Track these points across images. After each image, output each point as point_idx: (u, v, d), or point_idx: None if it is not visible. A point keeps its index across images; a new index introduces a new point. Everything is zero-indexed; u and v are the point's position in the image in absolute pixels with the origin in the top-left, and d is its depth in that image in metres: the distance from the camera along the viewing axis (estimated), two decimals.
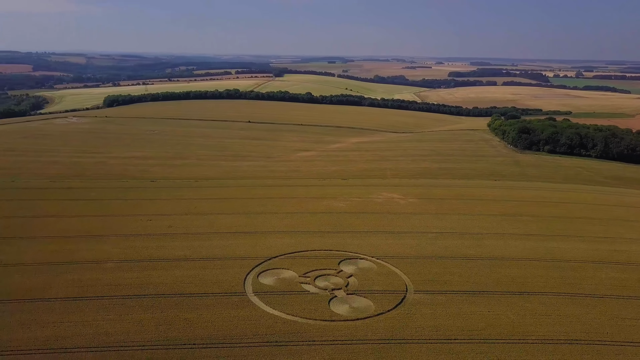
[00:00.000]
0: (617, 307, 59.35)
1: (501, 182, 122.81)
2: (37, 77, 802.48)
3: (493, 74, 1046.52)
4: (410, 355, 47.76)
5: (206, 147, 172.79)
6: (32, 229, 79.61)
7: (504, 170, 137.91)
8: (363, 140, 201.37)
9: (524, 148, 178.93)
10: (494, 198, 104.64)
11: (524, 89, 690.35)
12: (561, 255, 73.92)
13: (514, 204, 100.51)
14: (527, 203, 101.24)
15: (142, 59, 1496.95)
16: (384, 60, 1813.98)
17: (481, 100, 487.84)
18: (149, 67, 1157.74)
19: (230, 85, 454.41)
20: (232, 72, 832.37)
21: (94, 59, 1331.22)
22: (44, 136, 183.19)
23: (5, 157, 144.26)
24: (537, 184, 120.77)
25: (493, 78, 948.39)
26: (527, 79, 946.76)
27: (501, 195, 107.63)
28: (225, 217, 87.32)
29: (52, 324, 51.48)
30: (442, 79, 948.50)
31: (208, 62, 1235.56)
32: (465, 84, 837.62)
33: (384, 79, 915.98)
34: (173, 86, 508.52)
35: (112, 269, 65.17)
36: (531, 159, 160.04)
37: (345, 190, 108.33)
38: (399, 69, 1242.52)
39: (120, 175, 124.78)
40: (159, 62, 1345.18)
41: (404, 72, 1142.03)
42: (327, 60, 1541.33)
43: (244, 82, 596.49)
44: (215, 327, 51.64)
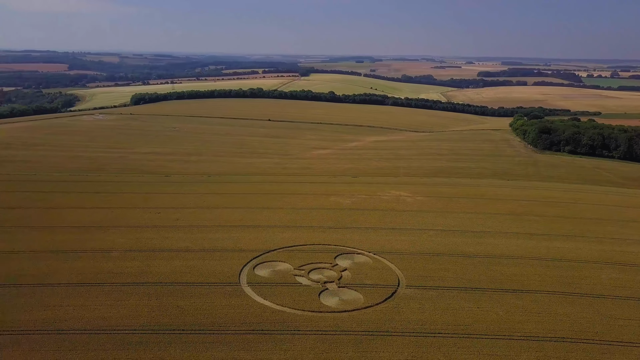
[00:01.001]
0: (613, 307, 58.66)
1: (514, 181, 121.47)
2: (71, 76, 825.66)
3: (524, 73, 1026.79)
4: (391, 347, 48.52)
5: (224, 144, 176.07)
6: (45, 219, 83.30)
7: (518, 170, 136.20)
8: (381, 139, 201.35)
9: (544, 148, 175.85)
10: (502, 197, 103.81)
11: (554, 89, 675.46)
12: (563, 255, 73.18)
13: (522, 203, 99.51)
14: (535, 203, 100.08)
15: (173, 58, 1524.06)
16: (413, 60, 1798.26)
17: (508, 100, 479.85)
18: (179, 66, 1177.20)
19: (256, 84, 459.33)
20: (259, 71, 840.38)
21: (127, 59, 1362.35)
22: (70, 132, 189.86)
23: (30, 151, 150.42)
24: (550, 184, 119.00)
25: (523, 78, 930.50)
26: (558, 79, 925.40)
27: (511, 194, 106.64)
28: (230, 211, 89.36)
29: (53, 307, 54.16)
30: (470, 78, 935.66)
31: (237, 62, 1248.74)
32: (494, 84, 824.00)
33: (411, 79, 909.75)
34: (199, 85, 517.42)
35: (117, 258, 67.80)
36: (549, 159, 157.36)
37: (353, 188, 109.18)
38: (427, 69, 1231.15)
39: (138, 170, 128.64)
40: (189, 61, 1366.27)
41: (432, 71, 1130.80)
42: (355, 60, 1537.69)
43: (269, 81, 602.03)
44: (206, 315, 53.43)
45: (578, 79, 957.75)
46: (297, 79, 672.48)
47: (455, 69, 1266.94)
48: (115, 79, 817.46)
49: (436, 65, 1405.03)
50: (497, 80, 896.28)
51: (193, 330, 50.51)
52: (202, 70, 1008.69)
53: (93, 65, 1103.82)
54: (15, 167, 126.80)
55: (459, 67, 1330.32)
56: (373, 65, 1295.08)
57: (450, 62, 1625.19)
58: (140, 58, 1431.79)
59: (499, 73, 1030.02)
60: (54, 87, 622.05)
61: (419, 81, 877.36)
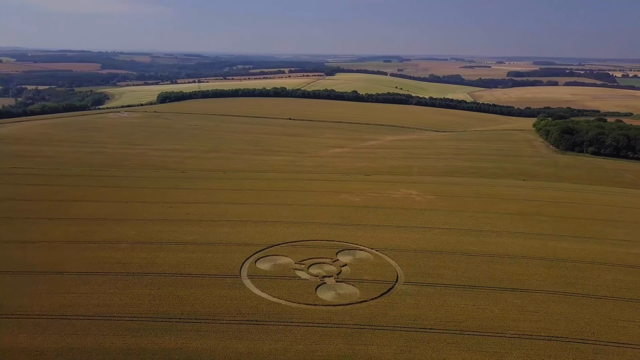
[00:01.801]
0: (615, 308, 57.80)
1: (529, 182, 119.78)
2: (103, 75, 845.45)
3: (555, 73, 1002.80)
4: (381, 341, 49.11)
5: (242, 142, 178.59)
6: (63, 211, 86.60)
7: (536, 171, 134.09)
8: (400, 138, 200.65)
9: (566, 149, 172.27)
10: (514, 197, 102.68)
11: (585, 90, 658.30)
12: (568, 256, 72.24)
13: (534, 203, 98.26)
14: (548, 203, 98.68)
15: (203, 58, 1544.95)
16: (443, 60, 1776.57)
17: (536, 100, 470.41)
18: (208, 65, 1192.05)
19: (280, 83, 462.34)
20: (285, 71, 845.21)
21: (158, 58, 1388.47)
22: (95, 129, 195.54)
23: (56, 146, 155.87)
24: (566, 185, 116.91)
25: (554, 78, 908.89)
26: (591, 79, 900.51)
27: (524, 194, 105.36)
28: (240, 207, 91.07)
29: (60, 294, 56.63)
30: (499, 78, 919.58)
31: (265, 62, 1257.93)
32: (524, 84, 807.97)
33: (438, 78, 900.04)
34: (225, 84, 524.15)
35: (125, 249, 70.14)
36: (570, 160, 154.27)
37: (364, 186, 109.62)
38: (456, 69, 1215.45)
39: (156, 166, 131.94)
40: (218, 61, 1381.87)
41: (460, 71, 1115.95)
42: (382, 59, 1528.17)
43: (294, 80, 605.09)
44: (203, 305, 55.01)
45: (612, 79, 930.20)
46: (322, 78, 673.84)
47: (485, 68, 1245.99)
48: (145, 78, 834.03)
49: (465, 65, 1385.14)
50: (526, 80, 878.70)
51: (189, 319, 52.13)
52: (229, 70, 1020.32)
53: (125, 64, 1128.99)
54: (41, 162, 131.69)
55: (488, 67, 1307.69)
56: (401, 65, 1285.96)
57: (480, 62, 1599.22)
58: (170, 58, 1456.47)
59: (529, 73, 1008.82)
60: (86, 85, 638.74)
61: (446, 81, 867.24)
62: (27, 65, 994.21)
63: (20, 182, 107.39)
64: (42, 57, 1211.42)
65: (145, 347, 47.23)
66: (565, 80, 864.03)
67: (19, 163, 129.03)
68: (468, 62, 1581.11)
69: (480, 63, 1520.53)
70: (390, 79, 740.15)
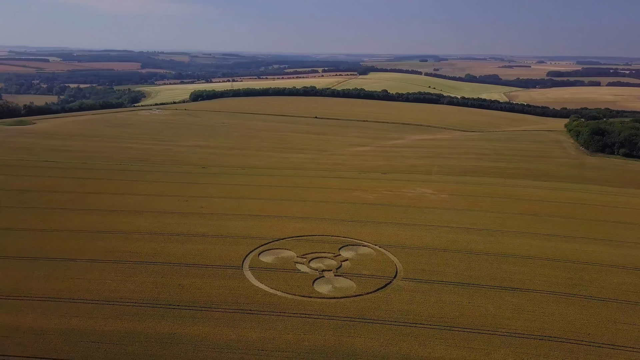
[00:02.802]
0: (618, 311, 56.57)
1: (550, 183, 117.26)
2: (142, 74, 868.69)
3: (598, 73, 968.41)
4: (369, 333, 49.80)
5: (266, 140, 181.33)
6: (85, 203, 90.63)
7: (560, 172, 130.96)
8: (425, 138, 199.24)
9: (596, 150, 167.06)
10: (531, 198, 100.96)
11: (628, 90, 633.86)
12: (578, 257, 70.91)
13: (550, 204, 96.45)
14: (565, 205, 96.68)
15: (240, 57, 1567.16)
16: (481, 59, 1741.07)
17: (575, 101, 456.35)
18: (244, 65, 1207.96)
19: (312, 82, 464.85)
20: (319, 70, 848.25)
21: (197, 58, 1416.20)
22: (127, 125, 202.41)
23: (87, 141, 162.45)
24: (589, 187, 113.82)
25: (597, 78, 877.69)
26: (637, 79, 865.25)
27: (541, 195, 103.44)
28: (253, 202, 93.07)
29: (71, 279, 59.70)
30: (538, 78, 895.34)
31: (301, 61, 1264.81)
32: (564, 84, 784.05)
33: (474, 78, 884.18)
34: (257, 83, 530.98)
35: (137, 239, 73.05)
36: (598, 162, 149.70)
37: (379, 184, 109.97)
38: (493, 68, 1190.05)
39: (179, 161, 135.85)
40: (254, 60, 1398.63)
41: (498, 71, 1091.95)
42: (419, 59, 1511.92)
43: (326, 79, 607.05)
44: (202, 293, 56.99)
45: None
46: (354, 77, 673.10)
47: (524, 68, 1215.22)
48: (182, 77, 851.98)
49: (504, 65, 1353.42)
50: (567, 80, 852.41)
51: (187, 306, 54.16)
52: (265, 69, 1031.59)
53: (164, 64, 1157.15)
54: (71, 156, 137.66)
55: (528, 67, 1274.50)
56: (437, 65, 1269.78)
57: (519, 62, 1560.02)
58: (209, 57, 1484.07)
59: (571, 73, 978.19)
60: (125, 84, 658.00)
61: (482, 81, 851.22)
62: (72, 64, 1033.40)
63: (49, 174, 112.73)
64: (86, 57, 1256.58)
65: (141, 331, 49.45)
66: (609, 81, 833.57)
67: (50, 157, 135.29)
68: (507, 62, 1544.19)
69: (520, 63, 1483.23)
70: (424, 78, 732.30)
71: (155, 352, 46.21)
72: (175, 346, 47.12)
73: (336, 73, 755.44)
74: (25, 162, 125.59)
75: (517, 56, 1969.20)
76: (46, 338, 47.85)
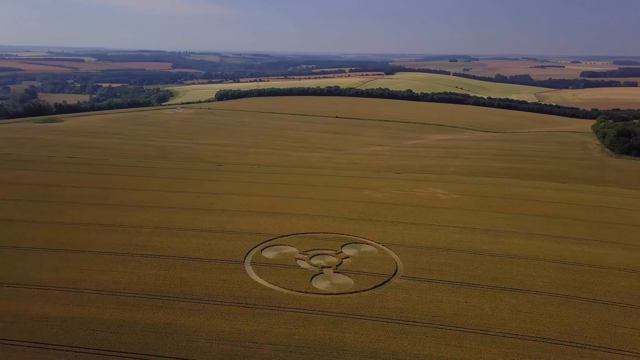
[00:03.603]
0: (621, 315, 55.26)
1: (567, 184, 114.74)
2: (173, 74, 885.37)
3: (635, 74, 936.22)
4: (359, 329, 50.11)
5: (285, 139, 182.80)
6: (100, 197, 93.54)
7: (579, 174, 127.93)
8: (445, 138, 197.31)
9: (622, 152, 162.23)
10: (543, 199, 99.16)
11: None
12: (585, 260, 69.53)
13: (563, 206, 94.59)
14: (579, 206, 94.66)
15: (269, 57, 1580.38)
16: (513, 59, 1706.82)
17: (607, 102, 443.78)
18: (273, 65, 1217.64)
19: (336, 82, 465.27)
20: (346, 70, 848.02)
21: (227, 58, 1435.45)
22: (150, 123, 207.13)
23: (110, 139, 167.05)
24: (607, 189, 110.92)
25: (634, 79, 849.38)
26: None
27: (555, 196, 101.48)
28: (263, 199, 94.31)
29: (78, 270, 61.88)
30: (571, 79, 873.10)
31: (330, 61, 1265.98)
32: (598, 85, 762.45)
33: (504, 79, 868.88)
34: (283, 83, 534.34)
35: (146, 233, 75.08)
36: (622, 164, 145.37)
37: (391, 183, 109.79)
38: (525, 68, 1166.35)
39: (197, 158, 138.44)
40: (284, 60, 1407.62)
41: (530, 71, 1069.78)
42: (449, 59, 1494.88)
43: (352, 79, 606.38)
44: (202, 286, 58.29)
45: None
46: (380, 77, 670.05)
47: (557, 68, 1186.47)
48: (211, 77, 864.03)
49: (536, 65, 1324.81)
50: (601, 80, 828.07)
51: (185, 298, 55.52)
52: (293, 69, 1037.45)
53: (195, 64, 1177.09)
54: (94, 153, 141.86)
55: (561, 67, 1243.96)
56: (467, 65, 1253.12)
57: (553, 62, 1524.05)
58: (239, 57, 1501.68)
59: (606, 73, 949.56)
60: (155, 83, 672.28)
61: (513, 81, 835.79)
62: (106, 64, 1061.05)
63: (71, 170, 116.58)
64: (120, 57, 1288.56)
65: (138, 320, 50.97)
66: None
67: (74, 153, 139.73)
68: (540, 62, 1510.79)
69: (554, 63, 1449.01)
70: (451, 78, 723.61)
71: (149, 341, 47.60)
72: (169, 336, 48.44)
73: (363, 73, 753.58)
74: (48, 158, 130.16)
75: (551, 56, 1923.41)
76: (48, 325, 49.83)
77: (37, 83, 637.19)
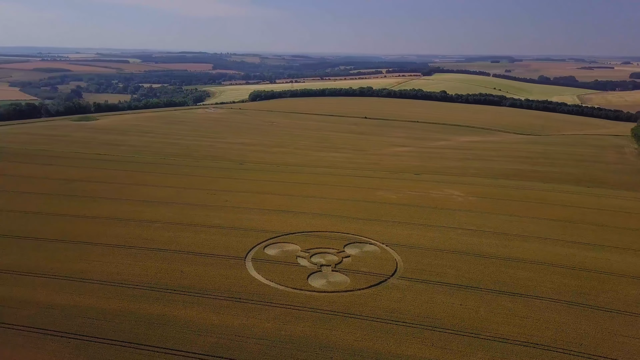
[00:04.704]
0: (622, 323, 53.18)
1: (593, 189, 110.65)
2: (213, 75, 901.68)
3: None
4: (346, 327, 50.18)
5: (308, 139, 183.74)
6: (121, 193, 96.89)
7: (608, 178, 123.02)
8: (473, 140, 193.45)
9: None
10: (564, 203, 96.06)
11: None
12: (596, 266, 67.15)
13: (584, 211, 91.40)
14: (601, 211, 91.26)
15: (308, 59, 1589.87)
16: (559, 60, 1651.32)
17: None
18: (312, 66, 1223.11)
19: (370, 83, 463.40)
20: (383, 71, 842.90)
21: (267, 59, 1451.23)
22: (180, 122, 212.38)
23: (141, 137, 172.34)
24: (636, 195, 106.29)
25: None
26: None
27: (578, 201, 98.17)
28: (275, 197, 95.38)
29: (87, 261, 64.47)
30: (619, 80, 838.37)
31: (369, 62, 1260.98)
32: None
33: (547, 80, 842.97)
34: (317, 84, 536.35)
35: (157, 228, 77.35)
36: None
37: (407, 184, 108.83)
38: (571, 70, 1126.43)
39: (219, 157, 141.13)
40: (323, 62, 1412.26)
41: (576, 72, 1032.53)
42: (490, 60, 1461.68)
43: (388, 80, 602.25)
44: (200, 280, 59.70)
45: None
46: (417, 78, 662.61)
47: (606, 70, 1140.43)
48: (250, 78, 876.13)
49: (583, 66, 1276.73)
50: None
51: (182, 291, 57.00)
52: (331, 70, 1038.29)
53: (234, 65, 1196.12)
54: (123, 150, 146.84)
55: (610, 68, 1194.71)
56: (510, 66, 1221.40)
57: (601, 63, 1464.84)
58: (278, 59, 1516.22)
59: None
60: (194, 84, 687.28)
61: (556, 82, 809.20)
62: (149, 65, 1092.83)
63: (98, 166, 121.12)
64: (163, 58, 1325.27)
65: (134, 311, 52.73)
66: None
67: (104, 150, 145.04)
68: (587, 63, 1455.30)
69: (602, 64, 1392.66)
70: (490, 79, 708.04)
71: (141, 331, 49.19)
72: (160, 327, 49.90)
73: (399, 74, 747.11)
74: (79, 155, 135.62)
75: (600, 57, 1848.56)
76: (50, 312, 52.23)
77: (84, 83, 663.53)
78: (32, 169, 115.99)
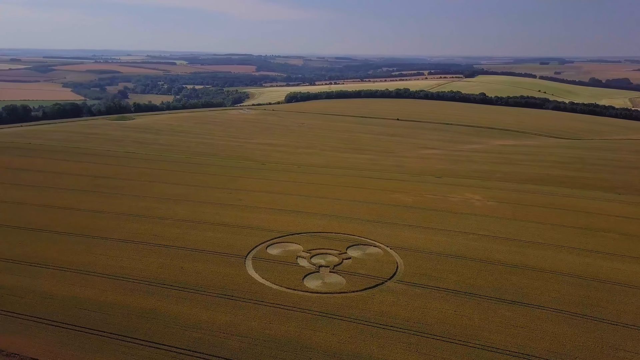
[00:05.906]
0: (626, 337, 50.30)
1: (625, 196, 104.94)
2: (255, 76, 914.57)
3: None
4: (331, 329, 49.74)
5: (336, 140, 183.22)
6: (140, 190, 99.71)
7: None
8: (508, 143, 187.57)
9: None
10: (590, 210, 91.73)
11: None
12: (610, 277, 63.83)
13: (609, 219, 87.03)
14: (627, 220, 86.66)
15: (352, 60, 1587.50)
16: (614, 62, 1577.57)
17: None
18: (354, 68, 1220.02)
19: (408, 85, 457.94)
20: (425, 73, 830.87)
21: (310, 61, 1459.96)
22: (213, 123, 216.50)
23: (172, 136, 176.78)
24: None
25: None
26: None
27: (604, 208, 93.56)
28: (289, 197, 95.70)
29: (94, 255, 66.73)
30: None
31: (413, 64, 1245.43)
32: None
33: (599, 82, 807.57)
34: (357, 86, 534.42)
35: (167, 224, 79.12)
36: None
37: (426, 187, 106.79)
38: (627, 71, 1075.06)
39: (244, 157, 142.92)
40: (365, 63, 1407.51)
41: (631, 74, 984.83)
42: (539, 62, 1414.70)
43: (429, 82, 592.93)
44: (197, 277, 60.64)
45: None
46: (458, 80, 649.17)
47: None
48: (291, 79, 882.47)
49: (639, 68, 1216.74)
50: None
51: (178, 287, 58.07)
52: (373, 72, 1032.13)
53: (277, 67, 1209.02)
54: (153, 149, 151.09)
55: None
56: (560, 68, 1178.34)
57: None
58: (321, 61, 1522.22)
59: None
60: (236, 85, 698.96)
61: (608, 85, 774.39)
62: (195, 67, 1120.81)
63: (126, 164, 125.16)
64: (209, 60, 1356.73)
65: (128, 304, 54.16)
66: None
67: (136, 148, 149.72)
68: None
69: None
70: (536, 81, 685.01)
71: (131, 324, 50.43)
72: (150, 321, 51.00)
73: (441, 76, 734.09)
74: (111, 152, 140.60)
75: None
76: (50, 302, 54.37)
77: (131, 84, 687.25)
78: (65, 166, 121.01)
